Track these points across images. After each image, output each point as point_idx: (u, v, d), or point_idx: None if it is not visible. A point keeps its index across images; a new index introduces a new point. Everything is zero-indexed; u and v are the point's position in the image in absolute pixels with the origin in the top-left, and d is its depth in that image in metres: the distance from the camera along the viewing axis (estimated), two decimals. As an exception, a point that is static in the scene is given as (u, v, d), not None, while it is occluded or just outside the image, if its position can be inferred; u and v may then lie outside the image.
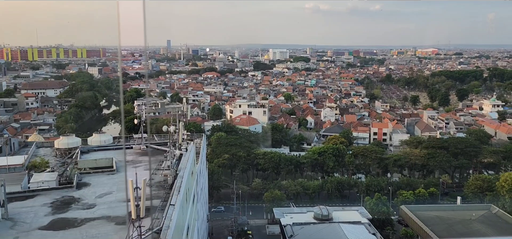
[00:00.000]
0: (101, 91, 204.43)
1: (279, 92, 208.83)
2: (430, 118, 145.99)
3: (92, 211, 29.26)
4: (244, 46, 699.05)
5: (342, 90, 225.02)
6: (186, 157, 40.66)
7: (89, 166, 39.78)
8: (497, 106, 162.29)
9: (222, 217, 76.02)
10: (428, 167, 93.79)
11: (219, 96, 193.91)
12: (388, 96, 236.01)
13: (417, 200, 74.46)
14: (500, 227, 61.47)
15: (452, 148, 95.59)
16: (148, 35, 9.19)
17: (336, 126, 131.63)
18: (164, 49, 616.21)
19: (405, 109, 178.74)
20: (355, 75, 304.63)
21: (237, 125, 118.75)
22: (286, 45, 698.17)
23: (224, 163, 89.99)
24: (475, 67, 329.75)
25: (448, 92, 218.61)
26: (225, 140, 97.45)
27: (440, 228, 60.80)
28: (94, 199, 31.86)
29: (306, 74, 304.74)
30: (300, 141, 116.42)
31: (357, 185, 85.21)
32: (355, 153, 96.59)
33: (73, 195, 32.76)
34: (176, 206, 27.40)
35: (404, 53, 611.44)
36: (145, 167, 40.54)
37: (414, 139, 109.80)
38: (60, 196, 32.41)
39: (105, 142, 50.79)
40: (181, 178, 33.45)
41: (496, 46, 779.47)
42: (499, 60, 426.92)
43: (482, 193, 75.85)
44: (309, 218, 59.32)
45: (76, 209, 29.74)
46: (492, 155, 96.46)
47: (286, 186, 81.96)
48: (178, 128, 45.37)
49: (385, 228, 67.59)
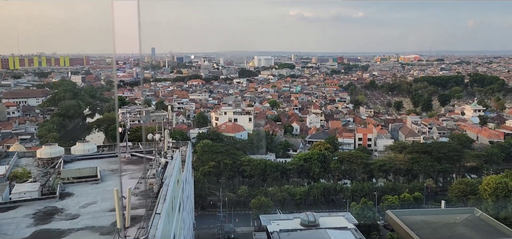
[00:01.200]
0: (84, 99, 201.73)
1: (264, 99, 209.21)
2: (414, 124, 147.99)
3: (76, 222, 28.66)
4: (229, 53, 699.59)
5: (327, 96, 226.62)
6: (171, 165, 40.28)
7: (72, 175, 39.03)
8: (478, 111, 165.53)
9: (208, 225, 75.43)
10: (413, 171, 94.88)
11: (204, 104, 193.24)
12: (372, 102, 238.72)
13: (402, 205, 75.16)
14: (484, 230, 62.44)
15: (435, 152, 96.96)
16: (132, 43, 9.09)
17: (322, 132, 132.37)
18: (148, 57, 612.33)
19: (389, 115, 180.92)
20: (339, 81, 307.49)
21: (223, 132, 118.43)
22: (271, 52, 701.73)
23: (210, 170, 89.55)
24: (456, 73, 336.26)
25: (431, 97, 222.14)
26: (211, 147, 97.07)
27: (425, 232, 61.44)
28: (78, 209, 31.23)
29: (291, 81, 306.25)
30: (286, 147, 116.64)
31: (343, 190, 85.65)
32: (341, 158, 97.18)
33: (56, 205, 32.07)
34: (162, 214, 27.07)
35: (387, 59, 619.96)
36: (130, 176, 40.01)
37: (398, 144, 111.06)
38: (42, 206, 31.70)
39: (89, 151, 49.99)
40: (166, 187, 33.08)
41: (476, 52, 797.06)
42: (479, 66, 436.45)
43: (466, 197, 76.96)
44: (296, 224, 59.29)
45: (60, 220, 29.10)
46: (474, 159, 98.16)
47: (272, 193, 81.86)
48: (164, 135, 44.99)
49: (372, 233, 67.94)
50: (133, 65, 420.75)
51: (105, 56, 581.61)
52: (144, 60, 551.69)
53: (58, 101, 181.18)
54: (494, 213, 67.89)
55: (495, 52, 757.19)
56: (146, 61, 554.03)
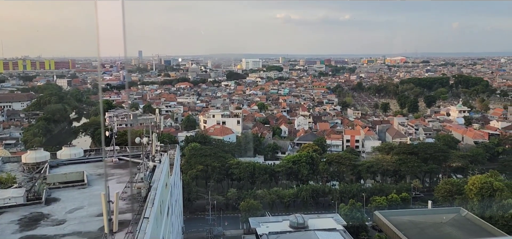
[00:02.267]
0: (70, 103, 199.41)
1: (252, 101, 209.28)
2: (400, 125, 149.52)
3: (62, 227, 28.27)
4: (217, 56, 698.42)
5: (314, 98, 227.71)
6: (159, 169, 40.04)
7: (58, 180, 38.51)
8: (463, 112, 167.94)
9: (197, 229, 75.09)
10: (400, 172, 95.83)
11: (192, 107, 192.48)
12: (359, 104, 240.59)
13: (390, 205, 75.83)
14: (469, 229, 63.34)
15: (422, 153, 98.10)
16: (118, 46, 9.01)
17: (310, 134, 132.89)
18: (135, 59, 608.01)
19: (376, 117, 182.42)
20: (327, 83, 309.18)
21: (211, 135, 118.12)
22: (259, 54, 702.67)
23: (198, 174, 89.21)
24: (441, 75, 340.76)
25: (417, 99, 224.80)
26: (199, 150, 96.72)
27: (412, 232, 62.08)
28: (64, 214, 30.82)
29: (279, 83, 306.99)
30: (274, 149, 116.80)
31: (331, 192, 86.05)
32: (329, 160, 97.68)
33: (42, 211, 31.60)
34: (150, 219, 26.86)
35: (374, 61, 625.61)
36: (117, 180, 39.65)
37: (385, 145, 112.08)
38: (28, 212, 31.20)
39: (76, 155, 49.42)
40: (155, 190, 32.86)
41: (461, 54, 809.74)
42: (464, 67, 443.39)
43: (452, 197, 77.93)
44: (285, 226, 59.41)
45: (46, 226, 28.68)
46: (460, 159, 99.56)
47: (261, 195, 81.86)
48: (151, 139, 44.70)
49: (360, 234, 68.35)
50: (120, 68, 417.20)
51: (91, 59, 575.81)
52: (131, 63, 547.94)
53: (43, 105, 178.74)
54: (480, 212, 68.92)
55: (479, 54, 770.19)
56: (133, 64, 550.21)
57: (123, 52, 12.07)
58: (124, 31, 8.31)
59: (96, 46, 9.77)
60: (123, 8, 8.02)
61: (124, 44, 8.77)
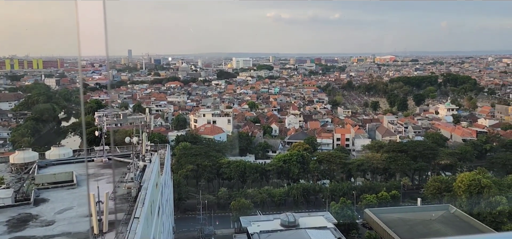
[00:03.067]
0: (59, 103, 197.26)
1: (243, 100, 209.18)
2: (390, 123, 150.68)
3: (51, 228, 27.99)
4: (207, 55, 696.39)
5: (305, 97, 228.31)
6: (150, 168, 39.84)
7: (47, 181, 38.09)
8: (451, 110, 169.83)
9: (188, 228, 74.91)
10: (390, 170, 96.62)
11: (182, 106, 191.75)
12: (349, 103, 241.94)
13: (380, 203, 76.42)
14: (458, 226, 64.10)
15: (411, 151, 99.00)
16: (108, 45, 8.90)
17: (300, 132, 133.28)
18: (125, 59, 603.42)
19: (366, 115, 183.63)
20: (317, 82, 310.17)
21: (202, 134, 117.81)
22: (249, 53, 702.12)
23: (189, 173, 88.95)
24: (430, 73, 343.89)
25: (406, 97, 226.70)
26: (190, 150, 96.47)
27: (402, 230, 62.64)
28: (53, 215, 30.51)
29: (270, 82, 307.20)
30: (265, 148, 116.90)
31: (322, 190, 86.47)
32: (320, 159, 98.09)
33: (30, 212, 31.24)
34: (141, 219, 26.72)
35: (364, 60, 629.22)
36: (107, 180, 39.34)
37: (375, 144, 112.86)
38: (16, 213, 30.82)
39: (65, 155, 48.93)
40: (145, 190, 32.69)
41: (449, 53, 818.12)
42: (452, 66, 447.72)
43: (441, 194, 78.78)
44: (276, 225, 59.55)
45: (34, 227, 28.36)
46: (448, 156, 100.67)
47: (252, 194, 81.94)
48: (141, 138, 44.45)
49: (351, 232, 68.85)
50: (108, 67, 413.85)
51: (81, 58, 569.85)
52: (120, 62, 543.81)
53: (31, 105, 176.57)
54: (468, 209, 69.79)
55: (467, 53, 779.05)
56: (123, 63, 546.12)
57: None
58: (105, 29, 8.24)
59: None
60: (104, 6, 7.96)
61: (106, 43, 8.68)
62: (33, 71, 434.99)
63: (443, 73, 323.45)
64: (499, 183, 76.49)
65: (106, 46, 8.73)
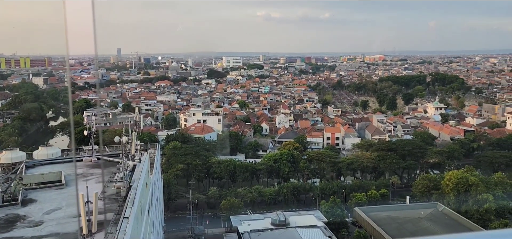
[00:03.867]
0: (47, 102, 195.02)
1: (233, 99, 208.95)
2: (379, 122, 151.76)
3: (39, 229, 27.71)
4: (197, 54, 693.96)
5: (295, 96, 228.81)
6: (139, 168, 39.64)
7: (35, 181, 37.69)
8: (439, 109, 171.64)
9: (178, 228, 74.67)
10: (379, 169, 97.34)
11: (173, 105, 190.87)
12: (339, 102, 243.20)
13: (370, 202, 76.92)
14: (446, 224, 64.83)
15: (400, 149, 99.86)
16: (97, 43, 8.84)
17: (291, 131, 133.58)
18: (114, 57, 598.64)
19: (355, 114, 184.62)
20: (307, 81, 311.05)
21: (192, 133, 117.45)
22: (240, 52, 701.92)
23: (179, 172, 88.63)
24: (419, 73, 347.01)
25: (395, 96, 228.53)
26: (180, 149, 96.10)
27: (391, 228, 63.14)
28: (41, 215, 30.20)
29: (260, 81, 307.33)
30: (255, 147, 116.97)
31: (312, 189, 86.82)
32: (310, 158, 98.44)
33: (18, 212, 30.89)
34: (130, 218, 26.59)
35: (354, 59, 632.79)
36: (96, 180, 39.05)
37: (365, 142, 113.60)
38: (4, 214, 30.46)
39: (53, 155, 48.42)
40: (134, 190, 32.53)
41: (437, 53, 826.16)
42: (440, 65, 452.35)
43: (429, 192, 79.57)
44: (267, 224, 59.62)
45: (22, 227, 28.06)
46: (436, 155, 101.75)
47: (242, 194, 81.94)
48: (131, 138, 44.18)
49: (340, 230, 69.23)
50: (97, 66, 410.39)
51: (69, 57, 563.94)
52: (109, 62, 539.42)
53: (19, 104, 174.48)
54: (456, 207, 70.61)
55: (455, 52, 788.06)
56: (112, 62, 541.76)
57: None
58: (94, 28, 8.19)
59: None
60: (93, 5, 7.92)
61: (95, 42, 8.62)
62: (20, 70, 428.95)
63: (431, 73, 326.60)
64: (486, 181, 77.59)
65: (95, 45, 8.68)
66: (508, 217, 73.92)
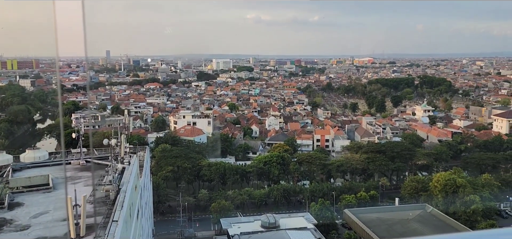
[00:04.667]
0: (34, 104, 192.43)
1: (223, 102, 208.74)
2: (369, 124, 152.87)
3: (26, 233, 27.31)
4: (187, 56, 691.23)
5: (285, 98, 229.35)
6: (129, 171, 39.33)
7: (22, 184, 37.15)
8: (427, 111, 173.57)
9: (168, 231, 74.22)
10: (368, 171, 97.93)
11: (162, 108, 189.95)
12: (329, 104, 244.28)
13: (359, 203, 77.34)
14: (435, 225, 65.46)
15: (389, 151, 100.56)
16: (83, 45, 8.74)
17: (281, 134, 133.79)
18: (103, 59, 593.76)
19: (345, 116, 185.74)
20: (297, 84, 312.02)
21: (182, 136, 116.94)
22: (230, 55, 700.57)
23: (169, 175, 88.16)
24: (407, 75, 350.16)
25: (384, 99, 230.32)
26: (170, 151, 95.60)
27: (381, 229, 63.53)
28: (28, 219, 29.77)
29: (250, 83, 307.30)
30: (245, 150, 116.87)
31: (302, 191, 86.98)
32: (300, 160, 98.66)
33: (4, 216, 30.39)
34: (119, 222, 26.35)
35: (343, 62, 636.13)
36: (85, 183, 38.64)
37: (354, 144, 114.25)
38: (-11, 218, 29.95)
39: (40, 158, 47.78)
40: (124, 193, 32.26)
41: (425, 55, 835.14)
42: (428, 68, 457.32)
43: (417, 194, 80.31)
44: (257, 226, 59.57)
45: (8, 231, 27.60)
46: (425, 157, 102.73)
47: (232, 196, 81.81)
48: (120, 140, 43.84)
49: (330, 232, 69.55)
50: (87, 68, 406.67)
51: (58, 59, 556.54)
52: (98, 63, 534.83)
53: (5, 106, 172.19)
54: (444, 208, 71.35)
55: (442, 55, 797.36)
56: (101, 64, 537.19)
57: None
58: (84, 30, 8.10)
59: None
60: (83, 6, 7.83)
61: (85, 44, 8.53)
62: (7, 72, 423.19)
63: (419, 75, 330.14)
64: (474, 182, 78.61)
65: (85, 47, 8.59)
66: (495, 218, 75.04)
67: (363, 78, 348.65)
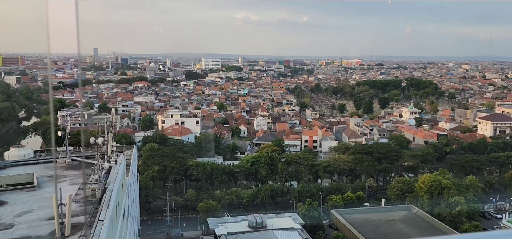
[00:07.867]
0: (19, 101, 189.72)
1: (211, 101, 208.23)
2: (356, 126, 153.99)
3: (9, 232, 26.92)
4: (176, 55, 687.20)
5: (274, 99, 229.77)
6: (115, 170, 39.05)
7: (6, 182, 36.66)
8: (414, 113, 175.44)
9: (154, 231, 73.79)
10: (355, 171, 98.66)
11: (150, 107, 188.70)
12: (317, 105, 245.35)
13: (346, 204, 77.89)
14: (419, 226, 66.33)
15: (376, 153, 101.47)
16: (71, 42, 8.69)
17: (269, 134, 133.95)
18: (90, 57, 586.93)
19: (333, 117, 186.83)
20: (286, 84, 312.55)
21: (170, 135, 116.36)
22: (218, 54, 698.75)
23: (156, 174, 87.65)
24: (394, 77, 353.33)
25: (372, 100, 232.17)
26: (157, 151, 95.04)
27: (367, 230, 64.16)
28: (12, 218, 29.35)
29: (239, 83, 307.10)
30: (233, 150, 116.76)
31: (290, 192, 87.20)
32: (288, 160, 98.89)
33: (-13, 215, 29.93)
34: (105, 221, 26.15)
35: (331, 63, 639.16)
36: (70, 182, 38.24)
37: (342, 146, 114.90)
38: (-28, 217, 29.45)
39: (25, 156, 47.14)
40: (110, 192, 32.02)
41: (412, 58, 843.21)
42: (415, 70, 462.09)
43: (403, 195, 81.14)
44: (244, 227, 59.65)
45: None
46: (411, 158, 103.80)
47: (220, 196, 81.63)
48: (107, 139, 43.48)
49: (317, 232, 69.83)
50: (74, 66, 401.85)
51: (43, 55, 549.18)
52: (85, 61, 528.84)
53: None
54: (429, 210, 72.31)
55: (429, 58, 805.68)
56: (88, 62, 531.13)
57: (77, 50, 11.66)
58: (77, 28, 8.05)
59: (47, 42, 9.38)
60: (77, 4, 7.78)
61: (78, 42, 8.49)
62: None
63: (406, 78, 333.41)
64: (458, 184, 79.72)
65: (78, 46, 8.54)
66: (479, 219, 76.22)
67: (351, 80, 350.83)
